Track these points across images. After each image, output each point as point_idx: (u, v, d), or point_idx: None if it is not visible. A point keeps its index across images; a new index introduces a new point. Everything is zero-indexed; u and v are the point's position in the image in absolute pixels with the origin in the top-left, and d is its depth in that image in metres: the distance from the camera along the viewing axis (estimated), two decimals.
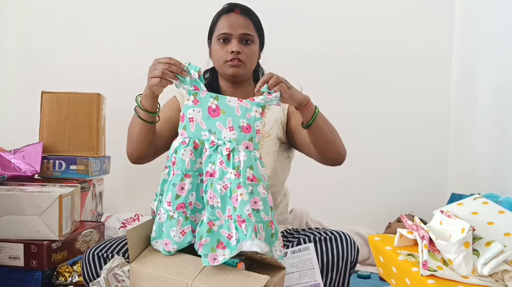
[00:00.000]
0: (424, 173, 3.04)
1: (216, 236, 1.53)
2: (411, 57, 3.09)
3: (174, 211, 1.57)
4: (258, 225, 1.53)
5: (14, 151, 2.43)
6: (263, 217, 1.54)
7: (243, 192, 1.52)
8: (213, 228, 1.53)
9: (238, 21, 1.88)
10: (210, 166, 1.56)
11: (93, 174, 2.56)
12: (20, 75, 3.09)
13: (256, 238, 1.50)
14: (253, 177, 1.55)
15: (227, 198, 1.55)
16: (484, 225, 1.45)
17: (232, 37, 1.86)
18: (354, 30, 3.08)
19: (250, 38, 1.88)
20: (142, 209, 2.75)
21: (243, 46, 1.87)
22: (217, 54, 1.90)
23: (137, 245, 1.57)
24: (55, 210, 1.97)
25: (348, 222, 2.76)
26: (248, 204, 1.52)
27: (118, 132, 2.87)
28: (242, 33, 1.86)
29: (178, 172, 1.58)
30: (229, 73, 1.89)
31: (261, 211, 1.54)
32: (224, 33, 1.87)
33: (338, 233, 1.81)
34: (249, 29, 1.88)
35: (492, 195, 2.04)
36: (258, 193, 1.55)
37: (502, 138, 2.34)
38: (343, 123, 2.98)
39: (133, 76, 3.01)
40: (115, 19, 3.09)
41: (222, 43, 1.88)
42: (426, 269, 1.32)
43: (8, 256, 1.95)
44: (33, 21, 3.09)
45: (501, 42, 2.43)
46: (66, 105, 2.56)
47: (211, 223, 1.53)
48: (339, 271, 1.76)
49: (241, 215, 1.51)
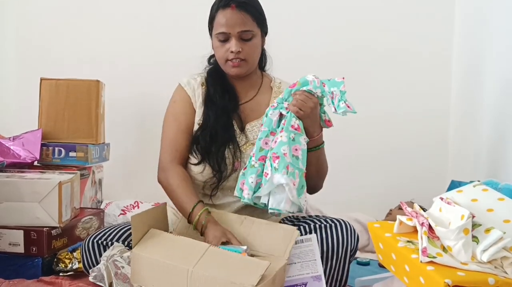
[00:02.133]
0: (424, 160, 3.04)
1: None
2: (412, 47, 3.07)
3: (256, 161, 1.73)
4: (293, 168, 1.68)
5: (13, 138, 2.43)
6: (300, 166, 1.70)
7: (283, 135, 1.70)
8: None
9: (235, 18, 1.81)
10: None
11: (93, 161, 2.56)
12: (19, 62, 3.08)
13: (286, 174, 1.65)
14: (298, 126, 1.73)
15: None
16: (484, 212, 1.45)
17: (231, 35, 1.81)
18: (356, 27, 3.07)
19: (250, 34, 1.83)
20: (142, 196, 2.76)
21: (243, 44, 1.83)
22: (218, 53, 1.87)
23: (141, 231, 1.58)
24: (54, 197, 1.97)
25: (348, 209, 2.76)
26: (285, 145, 1.68)
27: (117, 119, 2.88)
28: (240, 31, 1.81)
29: (265, 129, 1.76)
30: (232, 73, 1.88)
31: (300, 159, 1.71)
32: (222, 32, 1.82)
33: (338, 220, 1.82)
34: (247, 24, 1.82)
35: (492, 182, 2.04)
36: (300, 142, 1.72)
37: (501, 126, 2.34)
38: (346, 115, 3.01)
39: (132, 63, 3.02)
40: (114, 7, 3.07)
41: (221, 42, 1.84)
42: (425, 255, 1.33)
43: (8, 243, 1.96)
44: (32, 8, 3.07)
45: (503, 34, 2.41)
46: (65, 92, 2.56)
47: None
48: (339, 259, 1.76)
49: (276, 153, 1.68)
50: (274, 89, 1.97)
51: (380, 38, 3.06)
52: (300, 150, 1.71)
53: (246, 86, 1.96)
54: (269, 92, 1.97)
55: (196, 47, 1.92)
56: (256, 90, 1.97)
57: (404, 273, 1.42)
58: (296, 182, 1.68)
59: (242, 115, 1.90)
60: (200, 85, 1.94)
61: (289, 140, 1.69)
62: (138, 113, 3.01)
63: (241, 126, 1.90)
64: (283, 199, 1.68)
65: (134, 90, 2.99)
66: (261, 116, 1.88)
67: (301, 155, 1.71)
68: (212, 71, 1.97)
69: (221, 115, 1.85)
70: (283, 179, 1.65)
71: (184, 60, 2.01)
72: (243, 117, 1.91)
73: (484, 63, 2.60)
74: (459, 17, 3.01)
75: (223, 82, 1.93)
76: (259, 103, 1.94)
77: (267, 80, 2.00)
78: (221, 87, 1.91)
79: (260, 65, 2.00)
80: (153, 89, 2.77)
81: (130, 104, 3.01)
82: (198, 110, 1.91)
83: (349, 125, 3.01)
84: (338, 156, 2.94)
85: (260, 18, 1.88)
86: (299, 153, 1.71)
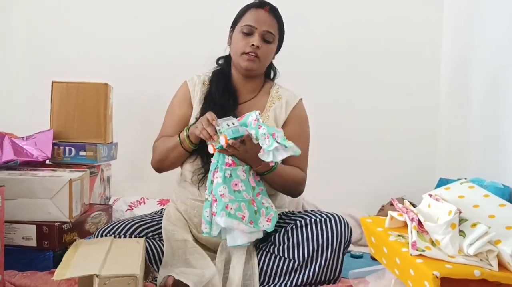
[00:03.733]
0: (414, 159, 3.05)
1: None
2: (403, 47, 3.07)
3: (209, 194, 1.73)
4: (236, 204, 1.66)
5: (27, 138, 2.43)
6: (245, 196, 1.69)
7: (218, 176, 1.68)
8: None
9: (265, 18, 1.87)
10: None
11: (101, 159, 2.56)
12: (31, 66, 3.08)
13: (226, 216, 1.64)
14: (232, 161, 1.70)
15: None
16: (470, 208, 1.46)
17: (256, 31, 1.86)
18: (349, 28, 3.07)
19: (272, 37, 1.89)
20: (147, 193, 2.76)
21: (263, 43, 1.87)
22: (237, 44, 1.89)
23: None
24: (65, 194, 1.97)
25: (342, 205, 2.76)
26: (221, 186, 1.66)
27: (124, 120, 2.89)
28: (266, 30, 1.87)
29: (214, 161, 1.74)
30: (243, 65, 1.88)
31: (243, 191, 1.69)
32: (249, 25, 1.87)
33: (333, 215, 1.82)
34: (273, 28, 1.89)
35: (478, 180, 2.04)
36: (238, 176, 1.70)
37: (488, 127, 2.34)
38: (337, 113, 3.01)
39: (139, 67, 3.02)
40: (121, 13, 3.07)
41: (244, 35, 1.87)
42: (415, 249, 1.33)
43: (21, 237, 1.96)
44: (42, 14, 3.07)
45: (490, 34, 2.41)
46: (75, 95, 2.56)
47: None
48: (333, 251, 1.77)
49: (214, 195, 1.67)
50: (272, 94, 1.98)
51: (371, 39, 3.06)
52: (240, 181, 1.70)
53: (248, 89, 1.97)
54: (267, 96, 1.98)
55: (200, 48, 1.93)
56: (256, 93, 1.99)
57: (395, 265, 1.43)
58: (246, 214, 1.67)
59: (238, 115, 1.89)
60: (202, 82, 1.97)
61: (225, 179, 1.68)
62: (145, 115, 3.01)
63: None
64: (238, 235, 1.69)
65: (141, 93, 2.99)
66: None
67: (243, 185, 1.70)
68: (218, 71, 1.99)
69: (217, 112, 1.83)
70: (221, 222, 1.65)
71: (188, 62, 2.02)
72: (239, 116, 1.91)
73: (472, 64, 2.59)
74: (448, 17, 3.01)
75: (226, 83, 1.94)
76: (255, 105, 1.94)
77: (268, 86, 2.02)
78: (222, 87, 1.93)
79: (268, 74, 2.03)
80: (158, 92, 2.77)
81: (137, 106, 3.01)
82: (196, 106, 1.94)
83: (343, 126, 3.04)
84: (334, 155, 2.96)
85: (282, 30, 1.95)
86: (240, 185, 1.70)
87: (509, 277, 1.29)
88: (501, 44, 2.25)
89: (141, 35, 3.05)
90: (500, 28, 2.27)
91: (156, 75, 2.97)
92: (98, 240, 1.76)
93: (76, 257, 1.55)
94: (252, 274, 1.76)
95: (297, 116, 1.97)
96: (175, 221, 1.88)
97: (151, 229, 1.85)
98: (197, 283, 1.62)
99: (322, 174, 2.85)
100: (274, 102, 1.97)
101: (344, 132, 3.02)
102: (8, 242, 1.91)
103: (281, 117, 1.95)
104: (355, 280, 1.71)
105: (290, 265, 1.77)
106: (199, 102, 1.94)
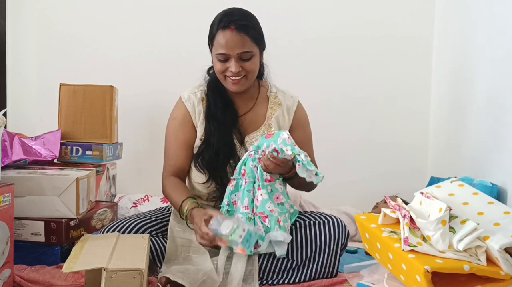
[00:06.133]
0: (407, 158, 3.04)
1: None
2: (394, 48, 3.06)
3: (251, 213, 1.68)
4: (283, 216, 1.66)
5: (35, 138, 2.43)
6: (287, 207, 1.70)
7: (263, 193, 1.65)
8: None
9: (235, 40, 1.72)
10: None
11: (107, 158, 2.56)
12: (40, 69, 3.08)
13: (280, 229, 1.63)
14: (271, 177, 1.68)
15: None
16: (460, 205, 1.46)
17: (230, 56, 1.73)
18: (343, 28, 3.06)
19: (249, 54, 1.75)
20: (151, 191, 2.75)
21: (242, 63, 1.75)
22: (218, 70, 1.79)
23: None
24: (72, 191, 1.97)
25: (338, 202, 2.76)
26: (268, 202, 1.64)
27: (129, 121, 2.88)
28: (240, 52, 1.73)
29: (251, 180, 1.69)
30: (232, 89, 1.81)
31: (284, 203, 1.69)
32: (222, 53, 1.74)
33: (330, 217, 1.81)
34: (246, 45, 1.74)
35: (468, 178, 2.04)
36: (277, 190, 1.68)
37: (477, 127, 2.34)
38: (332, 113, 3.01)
39: (143, 71, 3.02)
40: (127, 19, 3.07)
41: (221, 62, 1.76)
42: (407, 244, 1.33)
43: (30, 233, 1.96)
44: (52, 18, 3.07)
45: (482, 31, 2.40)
46: (82, 97, 2.55)
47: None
48: (330, 252, 1.76)
49: (263, 212, 1.64)
50: (271, 100, 1.91)
51: (364, 40, 3.05)
52: (280, 194, 1.70)
53: (245, 99, 1.90)
54: (266, 102, 1.91)
55: (206, 52, 1.90)
56: (254, 101, 1.91)
57: (388, 260, 1.43)
58: (289, 222, 1.70)
59: (241, 129, 1.86)
60: (201, 101, 1.87)
61: (269, 195, 1.67)
62: (149, 116, 3.00)
63: (240, 139, 1.86)
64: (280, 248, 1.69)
65: (146, 95, 2.99)
66: (259, 127, 1.86)
67: (283, 197, 1.70)
68: (211, 84, 1.90)
69: (222, 131, 1.80)
70: (279, 235, 1.64)
71: (193, 65, 1.98)
72: (242, 130, 1.87)
73: (464, 65, 2.58)
74: (439, 20, 2.99)
75: (222, 95, 1.87)
76: (256, 114, 1.90)
77: (264, 90, 1.94)
78: (221, 101, 1.85)
79: (259, 75, 1.92)
80: (162, 95, 2.77)
81: (141, 108, 3.00)
82: (200, 126, 1.86)
83: (339, 128, 3.04)
84: (330, 157, 2.95)
85: (258, 38, 1.79)
86: (281, 198, 1.70)
87: (496, 271, 1.29)
88: (491, 46, 2.24)
89: (146, 42, 3.04)
90: (491, 30, 2.26)
91: (159, 78, 2.96)
92: (105, 236, 1.76)
93: (84, 252, 1.55)
94: (252, 269, 1.75)
95: (300, 120, 1.92)
96: (181, 221, 1.85)
97: (154, 227, 1.83)
98: (192, 282, 1.59)
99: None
100: (275, 109, 1.90)
101: (340, 134, 3.02)
102: (18, 238, 1.91)
103: (285, 125, 1.89)
104: (350, 274, 1.71)
105: (289, 264, 1.76)
106: (202, 121, 1.86)
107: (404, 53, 3.05)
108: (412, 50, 3.05)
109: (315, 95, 2.86)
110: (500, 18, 2.15)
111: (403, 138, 3.05)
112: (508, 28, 2.08)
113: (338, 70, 3.05)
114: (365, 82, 3.06)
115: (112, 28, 3.05)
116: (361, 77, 3.06)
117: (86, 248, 1.59)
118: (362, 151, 3.06)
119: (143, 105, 2.99)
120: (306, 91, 2.20)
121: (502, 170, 2.02)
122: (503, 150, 2.02)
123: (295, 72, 2.87)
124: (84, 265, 1.44)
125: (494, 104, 2.17)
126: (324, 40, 3.05)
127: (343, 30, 3.05)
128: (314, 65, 3.04)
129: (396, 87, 3.06)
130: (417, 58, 3.05)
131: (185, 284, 1.58)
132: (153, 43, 3.03)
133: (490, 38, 2.27)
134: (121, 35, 3.05)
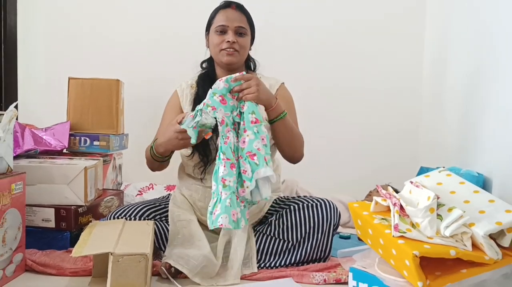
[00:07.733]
0: (398, 149, 3.06)
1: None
2: (387, 43, 3.07)
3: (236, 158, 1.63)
4: (268, 156, 1.60)
5: (46, 129, 2.44)
6: (268, 151, 1.62)
7: (249, 133, 1.60)
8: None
9: (234, 15, 1.88)
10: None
11: (114, 149, 2.57)
12: (49, 63, 3.08)
13: (267, 165, 1.57)
14: (256, 119, 1.62)
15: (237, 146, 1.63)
16: (447, 194, 1.46)
17: (229, 29, 1.86)
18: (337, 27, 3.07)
19: (244, 31, 1.89)
20: (156, 179, 2.75)
21: (238, 38, 1.87)
22: (214, 44, 1.89)
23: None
24: (81, 180, 1.99)
25: (333, 191, 2.77)
26: (255, 141, 1.59)
27: (135, 113, 2.89)
28: (238, 26, 1.87)
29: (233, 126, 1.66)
30: (225, 61, 1.88)
31: (267, 145, 1.62)
32: (221, 25, 1.87)
33: (323, 200, 1.84)
34: (243, 22, 1.89)
35: (455, 168, 2.05)
36: (262, 132, 1.62)
37: (464, 121, 2.34)
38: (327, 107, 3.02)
39: (148, 65, 3.02)
40: (133, 14, 3.07)
41: (219, 34, 1.88)
42: (397, 231, 1.34)
43: (41, 219, 1.97)
44: (60, 14, 3.07)
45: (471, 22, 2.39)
46: (90, 90, 2.56)
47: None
48: (323, 233, 1.79)
49: (251, 151, 1.58)
50: None
51: (358, 40, 3.06)
52: (265, 137, 1.63)
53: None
54: None
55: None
56: None
57: (379, 245, 1.44)
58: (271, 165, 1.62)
59: None
60: (190, 86, 1.97)
61: (256, 135, 1.60)
62: (153, 108, 3.00)
63: None
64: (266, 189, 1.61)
65: (150, 88, 2.99)
66: None
67: (266, 141, 1.63)
68: (203, 74, 1.98)
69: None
70: (268, 171, 1.57)
71: (196, 59, 2.01)
72: None
73: (452, 59, 2.58)
74: (430, 15, 3.00)
75: (212, 83, 1.86)
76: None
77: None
78: (208, 87, 1.85)
79: (249, 66, 2.01)
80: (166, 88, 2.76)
81: (146, 100, 3.01)
82: (187, 107, 1.93)
83: (335, 121, 3.05)
84: (325, 147, 2.97)
85: (252, 24, 1.95)
86: (265, 140, 1.63)
87: (481, 256, 1.30)
88: (476, 44, 2.25)
89: (151, 37, 3.05)
90: (476, 30, 2.27)
91: (163, 72, 2.96)
92: (112, 222, 1.78)
93: (92, 237, 1.57)
94: (250, 253, 1.78)
95: (282, 96, 1.91)
96: (180, 204, 1.89)
97: (158, 212, 1.86)
98: (192, 269, 1.63)
99: (314, 162, 2.86)
100: None
101: (335, 127, 3.03)
102: (29, 224, 1.93)
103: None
104: (343, 259, 1.72)
105: (284, 246, 1.80)
106: (190, 104, 1.93)
107: (396, 50, 3.07)
108: (404, 49, 3.07)
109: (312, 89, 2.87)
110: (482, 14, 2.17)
111: (396, 131, 3.08)
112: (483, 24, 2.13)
113: (332, 68, 3.06)
114: (358, 77, 3.07)
115: (120, 21, 3.07)
116: (354, 72, 3.07)
117: (94, 233, 1.61)
118: (357, 143, 3.08)
119: (149, 98, 3.00)
120: (299, 87, 2.21)
121: (487, 160, 2.03)
122: (488, 141, 2.04)
123: (288, 67, 2.86)
124: (92, 250, 1.46)
125: (477, 98, 2.19)
126: (317, 36, 3.05)
127: (336, 26, 3.06)
128: (307, 61, 3.05)
129: (388, 82, 3.07)
130: (409, 54, 3.06)
131: (184, 271, 1.61)
132: (159, 35, 3.04)
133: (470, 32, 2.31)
134: (128, 28, 3.06)
